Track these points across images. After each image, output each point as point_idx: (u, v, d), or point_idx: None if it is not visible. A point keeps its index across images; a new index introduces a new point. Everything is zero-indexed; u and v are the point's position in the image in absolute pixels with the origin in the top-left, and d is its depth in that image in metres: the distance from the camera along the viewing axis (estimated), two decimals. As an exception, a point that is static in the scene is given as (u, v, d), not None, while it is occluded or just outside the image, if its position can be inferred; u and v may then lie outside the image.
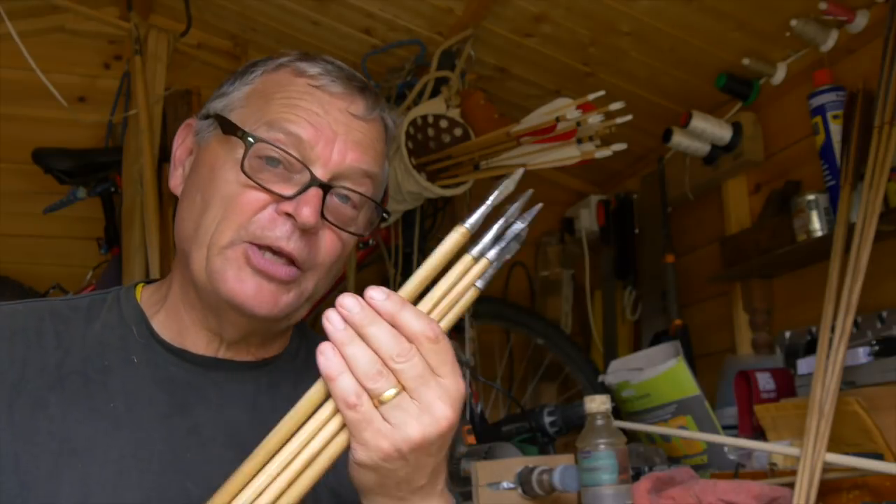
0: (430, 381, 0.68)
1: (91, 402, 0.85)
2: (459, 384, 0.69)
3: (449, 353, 0.69)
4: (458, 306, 0.71)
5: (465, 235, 0.71)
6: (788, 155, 2.23)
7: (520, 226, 0.72)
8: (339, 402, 0.67)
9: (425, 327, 0.68)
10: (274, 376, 0.95)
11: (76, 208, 2.51)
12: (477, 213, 0.71)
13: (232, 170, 0.87)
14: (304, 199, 0.85)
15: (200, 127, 0.94)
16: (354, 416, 0.67)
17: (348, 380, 0.67)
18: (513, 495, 1.64)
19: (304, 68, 0.91)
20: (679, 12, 2.08)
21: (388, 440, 0.67)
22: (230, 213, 0.86)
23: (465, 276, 0.71)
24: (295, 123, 0.87)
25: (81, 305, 0.93)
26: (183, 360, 0.91)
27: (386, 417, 0.67)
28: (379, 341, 0.67)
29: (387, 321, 0.68)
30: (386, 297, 0.68)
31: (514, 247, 0.72)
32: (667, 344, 2.25)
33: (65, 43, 2.64)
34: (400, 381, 0.67)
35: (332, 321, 0.68)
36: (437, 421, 0.68)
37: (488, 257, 0.71)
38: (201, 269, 0.87)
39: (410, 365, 0.67)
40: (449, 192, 2.33)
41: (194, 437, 0.87)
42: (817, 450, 1.50)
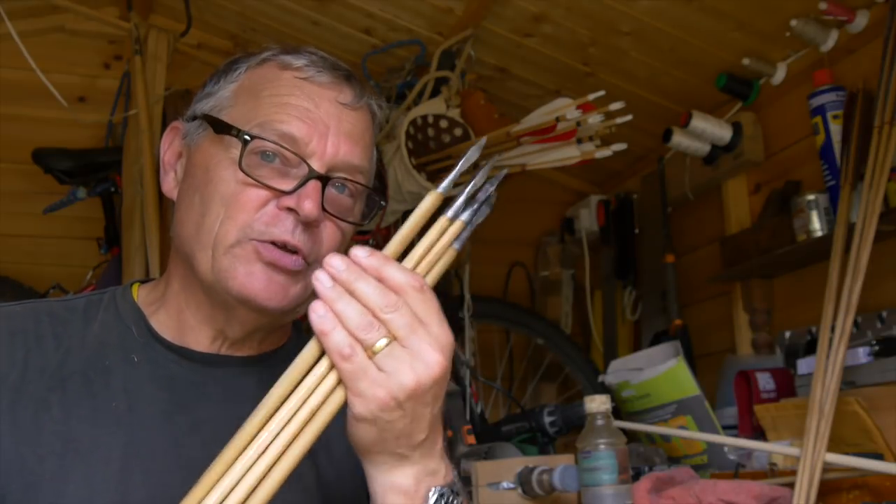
0: (418, 329, 0.70)
1: (93, 402, 0.85)
2: (447, 332, 0.72)
3: (435, 303, 0.72)
4: (438, 265, 0.75)
5: (438, 198, 0.76)
6: (788, 155, 2.23)
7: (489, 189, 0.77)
8: (333, 355, 0.69)
9: (410, 278, 0.71)
10: (275, 371, 0.94)
11: (76, 208, 2.51)
12: (448, 178, 0.76)
13: (228, 168, 0.87)
14: (304, 192, 0.86)
15: (188, 129, 0.94)
16: (349, 368, 0.69)
17: (341, 333, 0.69)
18: (513, 495, 1.64)
19: (289, 61, 0.92)
20: (679, 12, 2.08)
21: (384, 388, 0.69)
22: (232, 212, 0.86)
23: (443, 237, 0.75)
24: (287, 123, 0.88)
25: (78, 306, 0.93)
26: (183, 358, 0.91)
27: (380, 366, 0.69)
28: (367, 295, 0.70)
29: (373, 276, 0.71)
30: (369, 253, 0.71)
31: (485, 210, 0.76)
32: (667, 344, 2.25)
33: (65, 43, 2.64)
34: (390, 332, 0.70)
35: (321, 280, 0.71)
36: (429, 366, 0.70)
37: (462, 219, 0.76)
38: (208, 270, 0.87)
39: (399, 314, 0.70)
40: (449, 193, 2.33)
41: (197, 434, 0.87)
42: (817, 450, 1.50)
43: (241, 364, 0.93)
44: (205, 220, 0.87)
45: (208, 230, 0.87)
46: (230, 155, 0.88)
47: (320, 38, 2.50)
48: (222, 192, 0.87)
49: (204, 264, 0.87)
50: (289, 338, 1.00)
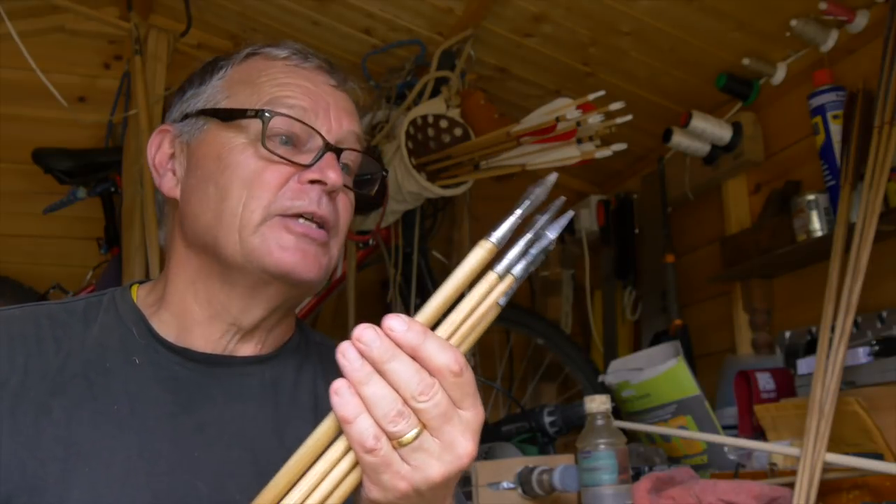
0: (452, 417, 0.63)
1: (95, 404, 0.85)
2: (480, 413, 0.65)
3: (472, 383, 0.64)
4: (480, 327, 0.66)
5: (491, 252, 0.64)
6: (788, 155, 2.23)
7: (549, 237, 0.65)
8: (355, 445, 0.62)
9: (450, 360, 0.62)
10: (276, 371, 0.95)
11: (76, 208, 2.51)
12: (504, 225, 0.65)
13: (246, 150, 0.90)
14: (323, 163, 0.89)
15: (182, 129, 0.96)
16: (372, 461, 0.62)
17: (367, 422, 0.62)
18: (513, 495, 1.64)
19: (275, 53, 0.96)
20: (679, 12, 2.08)
21: (408, 481, 0.63)
22: (256, 191, 0.88)
23: (489, 295, 0.65)
24: (293, 97, 0.91)
25: (77, 309, 0.93)
26: (185, 359, 0.91)
27: (405, 459, 0.63)
28: (400, 378, 0.62)
29: (408, 354, 0.62)
30: (407, 327, 0.62)
31: (540, 259, 0.65)
32: (667, 344, 2.25)
33: (65, 43, 2.64)
34: (421, 420, 0.63)
35: (348, 357, 0.62)
36: (458, 458, 0.64)
37: (514, 273, 0.65)
38: (236, 251, 0.88)
39: (433, 403, 0.62)
40: (449, 192, 2.33)
41: (200, 435, 0.87)
42: (817, 450, 1.50)
43: (244, 364, 0.93)
44: (226, 204, 0.88)
45: (231, 213, 0.88)
46: (245, 138, 0.90)
47: (320, 38, 2.50)
48: (242, 175, 0.89)
49: (231, 247, 0.88)
50: (292, 335, 1.00)
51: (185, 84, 0.98)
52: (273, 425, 0.91)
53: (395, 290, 2.56)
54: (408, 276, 2.57)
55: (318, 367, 0.98)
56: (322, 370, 0.98)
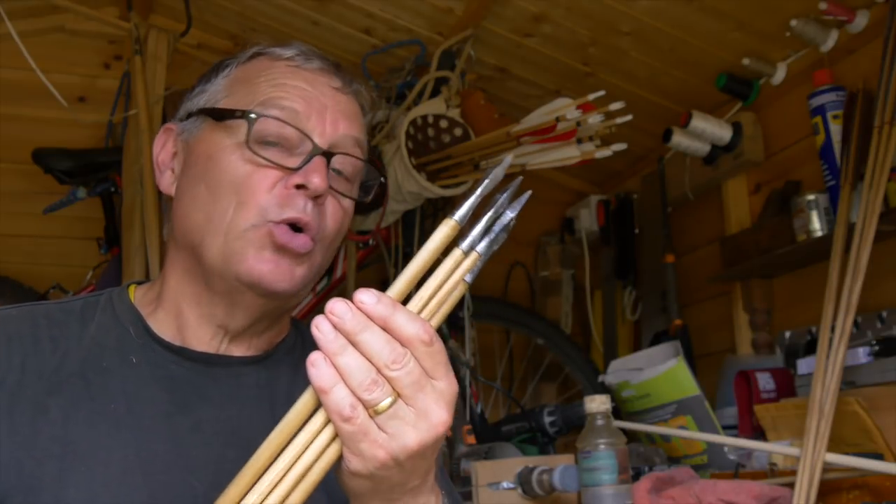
0: (425, 385, 0.65)
1: (92, 404, 0.85)
2: (453, 384, 0.67)
3: (443, 353, 0.67)
4: (448, 302, 0.68)
5: (454, 229, 0.68)
6: (788, 155, 2.23)
7: (509, 215, 0.69)
8: (332, 415, 0.65)
9: (420, 330, 0.65)
10: (272, 371, 0.95)
11: (76, 208, 2.51)
12: (465, 204, 0.68)
13: (235, 152, 0.89)
14: (310, 168, 0.88)
15: (184, 127, 0.96)
16: (349, 429, 0.65)
17: (342, 391, 0.64)
18: (513, 495, 1.64)
19: (279, 52, 0.95)
20: (679, 12, 2.08)
21: (385, 450, 0.65)
22: (244, 196, 0.88)
23: (455, 272, 0.68)
24: (287, 99, 0.90)
25: (75, 308, 0.93)
26: (182, 358, 0.91)
27: (382, 427, 0.65)
28: (372, 348, 0.64)
29: (379, 326, 0.65)
30: (377, 300, 0.65)
31: (502, 237, 0.69)
32: (667, 344, 2.25)
33: (65, 43, 2.64)
34: (395, 388, 0.65)
35: (321, 329, 0.65)
36: (433, 427, 0.66)
37: (478, 250, 0.68)
38: (217, 255, 0.88)
39: (406, 371, 0.65)
40: (449, 192, 2.33)
41: (197, 434, 0.87)
42: (817, 450, 1.50)
43: (240, 363, 0.93)
44: (216, 206, 0.88)
45: (221, 216, 0.88)
46: (233, 140, 0.89)
47: (320, 38, 2.50)
48: (230, 178, 0.88)
49: (213, 249, 0.88)
50: (287, 334, 1.00)
51: (195, 83, 0.98)
52: (269, 424, 0.90)
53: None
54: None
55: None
56: None
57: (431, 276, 0.68)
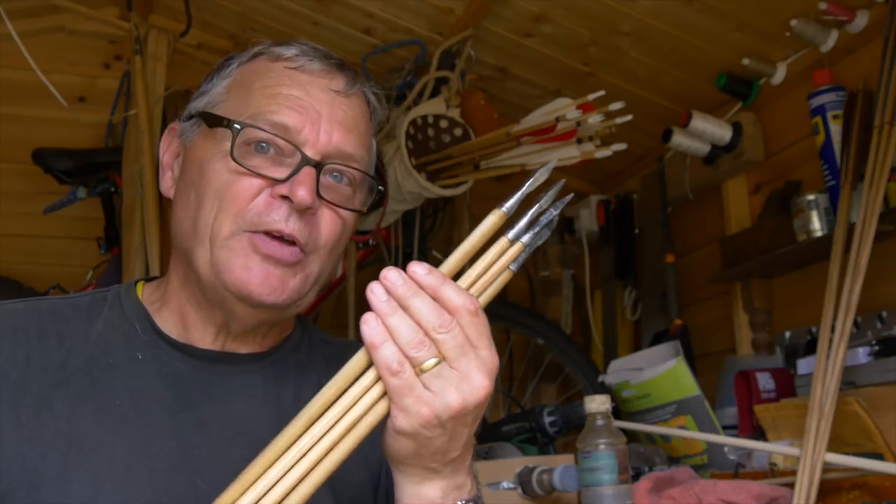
0: (469, 351, 0.70)
1: (97, 399, 0.85)
2: (495, 356, 0.72)
3: (486, 326, 0.72)
4: (493, 286, 0.74)
5: (501, 218, 0.74)
6: (788, 155, 2.23)
7: (553, 213, 0.75)
8: (381, 369, 0.69)
9: (465, 301, 0.71)
10: (278, 368, 0.95)
11: (76, 208, 2.52)
12: (513, 198, 0.74)
13: (221, 161, 0.87)
14: (297, 179, 0.86)
15: (184, 128, 0.95)
16: (397, 383, 0.69)
17: (391, 348, 0.69)
18: (513, 495, 1.64)
19: (280, 52, 0.92)
20: (679, 12, 2.08)
21: (429, 406, 0.70)
22: (226, 203, 0.86)
23: (501, 258, 0.74)
24: (278, 113, 0.87)
25: (82, 304, 0.93)
26: (188, 356, 0.91)
27: (427, 385, 0.70)
28: (421, 313, 0.70)
29: (429, 294, 0.70)
30: (428, 271, 0.71)
31: (545, 233, 0.75)
32: (667, 344, 2.25)
33: (65, 43, 2.64)
34: (441, 351, 0.70)
35: (375, 292, 0.70)
36: (475, 389, 0.70)
37: (523, 241, 0.74)
38: (206, 264, 0.87)
39: (451, 336, 0.70)
40: (449, 192, 2.33)
41: (201, 432, 0.87)
42: (817, 450, 1.50)
43: (245, 361, 0.93)
44: (200, 214, 0.87)
45: (204, 224, 0.87)
46: (223, 148, 0.88)
47: (320, 38, 2.50)
48: (215, 185, 0.87)
49: (202, 259, 0.87)
50: (292, 331, 1.00)
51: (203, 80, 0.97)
52: (275, 423, 0.90)
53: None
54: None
55: (321, 366, 0.98)
56: (325, 369, 0.98)
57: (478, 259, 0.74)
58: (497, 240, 0.75)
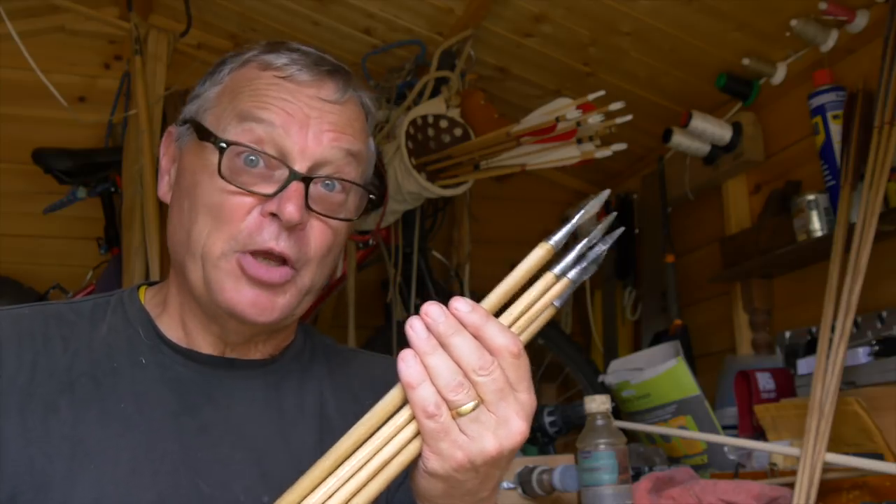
0: (508, 395, 0.68)
1: (101, 404, 0.85)
2: (533, 398, 0.70)
3: (527, 368, 0.69)
4: (536, 323, 0.71)
5: (549, 252, 0.71)
6: (788, 155, 2.23)
7: (601, 248, 0.72)
8: (417, 410, 0.67)
9: (509, 342, 0.67)
10: (280, 374, 0.95)
11: (76, 208, 2.52)
12: (562, 231, 0.71)
13: (211, 176, 0.86)
14: (285, 196, 0.84)
15: (180, 133, 0.94)
16: (432, 426, 0.67)
17: (429, 389, 0.66)
18: (513, 495, 1.64)
19: (270, 61, 0.90)
20: (679, 12, 2.08)
21: (464, 451, 0.67)
22: (219, 222, 0.85)
23: (546, 294, 0.71)
24: (265, 110, 0.86)
25: (85, 309, 0.93)
26: (191, 361, 0.91)
27: (463, 429, 0.67)
28: (462, 352, 0.67)
29: (471, 333, 0.67)
30: (471, 309, 0.68)
31: (592, 268, 0.72)
32: (667, 344, 2.25)
33: (65, 43, 2.64)
34: (479, 394, 0.67)
35: (415, 329, 0.67)
36: (512, 434, 0.68)
37: (569, 277, 0.71)
38: (199, 280, 0.87)
39: (492, 379, 0.67)
40: (449, 192, 2.33)
41: (204, 436, 0.87)
42: (817, 450, 1.50)
43: (247, 366, 0.93)
44: (194, 228, 0.87)
45: (197, 240, 0.86)
46: (212, 162, 0.87)
47: (320, 38, 2.50)
48: (207, 202, 0.86)
49: (195, 274, 0.87)
50: (294, 339, 0.99)
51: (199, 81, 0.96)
52: (277, 427, 0.91)
53: (395, 290, 2.56)
54: (408, 276, 2.57)
55: (324, 373, 0.98)
56: (329, 375, 0.98)
57: (523, 295, 0.71)
58: (541, 274, 0.71)
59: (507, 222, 3.03)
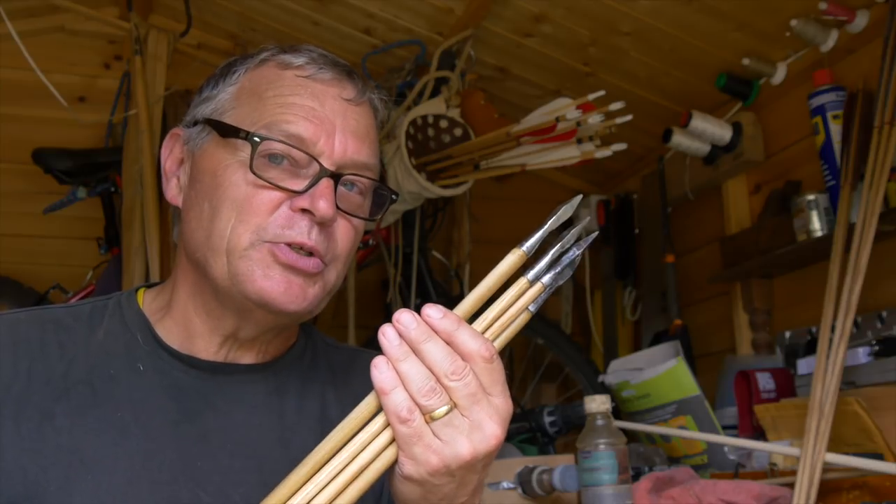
0: (482, 399, 0.68)
1: (98, 411, 0.84)
2: (509, 403, 0.70)
3: (501, 372, 0.70)
4: (510, 329, 0.71)
5: (521, 258, 0.71)
6: (788, 155, 2.23)
7: (575, 252, 0.72)
8: (391, 416, 0.68)
9: (481, 346, 0.68)
10: (280, 378, 0.94)
11: (76, 208, 2.52)
12: (534, 236, 0.71)
13: (238, 171, 0.86)
14: (317, 192, 0.85)
15: (190, 135, 0.93)
16: (406, 431, 0.68)
17: (401, 395, 0.67)
18: (513, 495, 1.64)
19: (289, 60, 0.90)
20: (679, 12, 2.08)
21: (438, 456, 0.68)
22: (245, 215, 0.85)
23: (520, 300, 0.71)
24: (294, 123, 0.86)
25: (83, 313, 0.92)
26: (189, 367, 0.90)
27: (437, 434, 0.68)
28: (434, 358, 0.68)
29: (443, 339, 0.68)
30: (442, 315, 0.69)
31: (567, 273, 0.72)
32: (667, 344, 2.25)
33: (65, 43, 2.64)
34: (452, 399, 0.68)
35: (387, 336, 0.68)
36: (486, 439, 0.68)
37: (543, 282, 0.71)
38: (223, 275, 0.86)
39: (464, 383, 0.68)
40: (449, 192, 2.34)
41: (204, 444, 0.86)
42: (817, 450, 1.50)
43: (247, 371, 0.92)
44: (215, 224, 0.86)
45: (220, 235, 0.86)
46: (238, 158, 0.86)
47: (320, 38, 2.50)
48: (233, 196, 0.86)
49: (219, 269, 0.86)
50: (296, 340, 0.99)
51: (202, 85, 0.95)
52: (278, 434, 0.90)
53: (395, 290, 2.56)
54: (408, 276, 2.57)
55: (326, 374, 0.98)
56: (331, 376, 0.98)
57: (496, 301, 0.71)
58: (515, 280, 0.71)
59: (507, 222, 3.02)
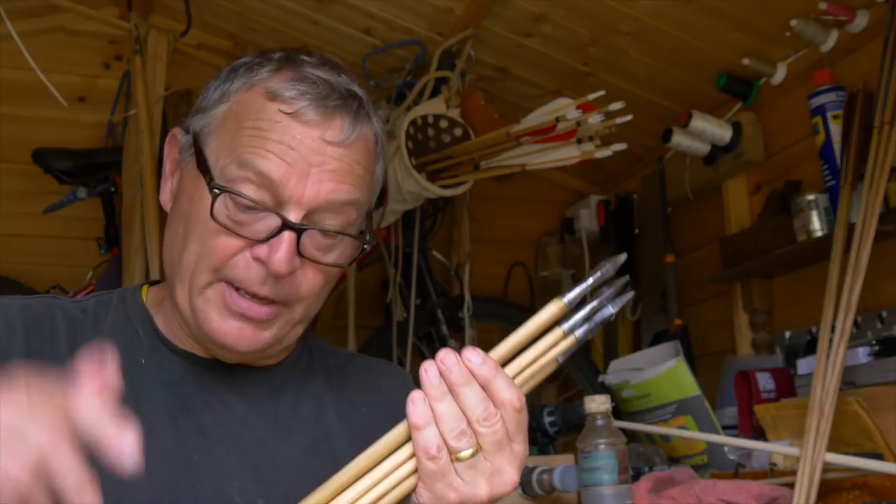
0: (506, 447, 0.71)
1: None
2: (526, 448, 0.74)
3: (526, 421, 0.73)
4: (537, 377, 0.74)
5: (562, 310, 0.74)
6: (788, 155, 2.23)
7: (610, 310, 0.75)
8: (419, 450, 0.70)
9: (514, 396, 0.71)
10: (277, 382, 0.95)
11: (76, 208, 2.51)
12: (577, 289, 0.74)
13: (205, 210, 0.84)
14: (275, 244, 0.82)
15: (183, 144, 0.91)
16: (431, 467, 0.70)
17: (433, 432, 0.70)
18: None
19: (278, 91, 0.85)
20: (679, 12, 2.08)
21: (457, 494, 0.71)
22: (206, 255, 0.85)
23: (552, 349, 0.74)
24: (265, 159, 0.83)
25: (89, 307, 0.93)
26: (189, 363, 0.91)
27: (459, 473, 0.71)
28: (469, 402, 0.70)
29: (480, 384, 0.71)
30: (482, 361, 0.71)
31: (597, 328, 0.75)
32: (667, 344, 2.25)
33: (65, 43, 2.64)
34: (479, 442, 0.71)
35: (429, 374, 0.71)
36: (504, 483, 0.72)
37: (576, 335, 0.74)
38: (186, 306, 0.87)
39: (493, 430, 0.71)
40: (449, 192, 2.33)
41: (201, 438, 0.87)
42: (817, 450, 1.50)
43: (245, 372, 0.93)
44: (183, 255, 0.86)
45: (186, 266, 0.86)
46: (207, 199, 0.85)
47: (320, 38, 2.50)
48: (198, 234, 0.85)
49: (182, 300, 0.87)
50: (293, 350, 0.99)
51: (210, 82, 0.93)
52: (273, 433, 0.91)
53: (395, 290, 2.56)
54: (408, 276, 2.57)
55: (322, 378, 0.98)
56: (326, 381, 0.98)
57: (530, 347, 0.74)
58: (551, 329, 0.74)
59: (507, 222, 3.03)
